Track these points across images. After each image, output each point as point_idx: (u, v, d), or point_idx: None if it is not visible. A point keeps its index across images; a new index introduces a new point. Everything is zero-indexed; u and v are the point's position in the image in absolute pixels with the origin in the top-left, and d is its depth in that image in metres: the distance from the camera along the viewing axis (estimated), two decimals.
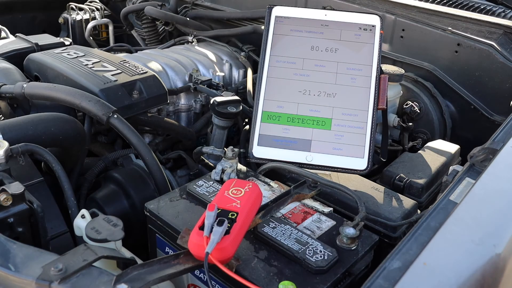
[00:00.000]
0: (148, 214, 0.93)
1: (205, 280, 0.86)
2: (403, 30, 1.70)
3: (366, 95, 0.88)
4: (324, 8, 1.70)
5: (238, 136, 1.72)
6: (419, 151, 1.34)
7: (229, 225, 0.71)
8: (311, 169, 0.87)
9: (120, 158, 1.41)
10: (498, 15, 1.61)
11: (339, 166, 0.99)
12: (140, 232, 1.11)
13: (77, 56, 1.51)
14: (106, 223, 0.80)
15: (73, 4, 2.44)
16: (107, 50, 2.05)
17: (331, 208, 0.94)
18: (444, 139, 1.60)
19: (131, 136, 1.17)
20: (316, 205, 0.95)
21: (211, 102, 1.50)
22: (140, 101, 1.39)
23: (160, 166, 1.19)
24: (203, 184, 0.99)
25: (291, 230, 0.85)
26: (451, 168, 1.00)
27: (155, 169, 1.18)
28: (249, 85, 1.81)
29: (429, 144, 1.39)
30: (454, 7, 1.69)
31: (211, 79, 1.70)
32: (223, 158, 1.03)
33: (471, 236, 0.68)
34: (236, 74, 1.92)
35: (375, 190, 1.06)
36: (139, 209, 1.24)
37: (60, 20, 2.45)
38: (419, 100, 1.64)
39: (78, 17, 2.41)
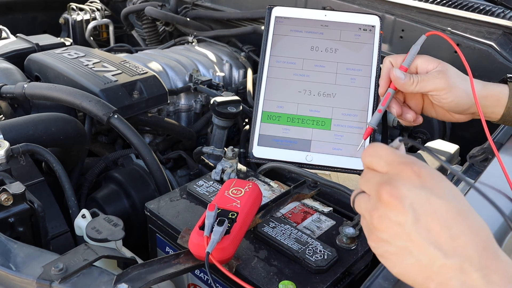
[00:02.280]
0: (148, 214, 0.94)
1: (205, 279, 0.87)
2: (402, 30, 1.70)
3: (366, 95, 0.88)
4: (323, 8, 1.71)
5: (238, 136, 1.73)
6: (418, 151, 1.34)
7: (229, 225, 0.71)
8: (311, 169, 0.87)
9: (121, 158, 1.41)
10: (498, 16, 1.62)
11: (339, 166, 0.99)
12: (140, 231, 1.11)
13: (78, 57, 1.51)
14: (106, 223, 0.81)
15: (73, 5, 2.44)
16: (108, 51, 2.06)
17: (331, 208, 0.95)
18: (443, 139, 1.60)
19: (132, 136, 1.17)
20: (316, 205, 0.95)
21: (211, 102, 1.50)
22: (140, 101, 1.39)
23: (160, 166, 1.19)
24: (203, 184, 0.99)
25: (291, 230, 0.85)
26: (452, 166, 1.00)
27: (156, 169, 1.18)
28: (249, 85, 1.81)
29: (429, 144, 1.39)
30: (453, 8, 1.69)
31: (211, 79, 1.71)
32: (223, 158, 1.03)
33: None
34: (236, 74, 1.93)
35: None
36: (140, 209, 1.25)
37: (61, 20, 2.45)
38: None
39: (79, 18, 2.41)
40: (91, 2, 2.53)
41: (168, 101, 1.50)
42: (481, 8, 1.67)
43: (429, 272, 0.48)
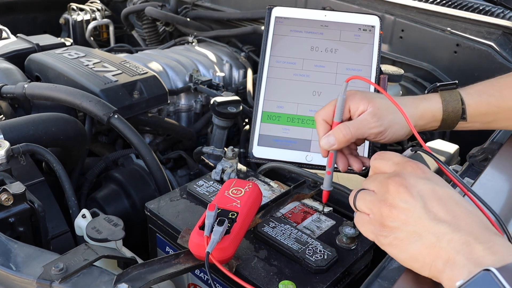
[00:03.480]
0: (148, 213, 0.94)
1: (205, 279, 0.87)
2: (402, 30, 1.70)
3: None
4: (323, 8, 1.71)
5: (238, 136, 1.73)
6: (418, 151, 1.34)
7: (229, 225, 0.71)
8: (311, 169, 0.87)
9: (121, 158, 1.41)
10: (497, 16, 1.62)
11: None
12: (140, 231, 1.11)
13: (78, 57, 1.52)
14: (106, 223, 0.81)
15: (74, 5, 2.45)
16: (108, 51, 2.06)
17: (331, 208, 0.95)
18: (443, 139, 1.60)
19: (132, 136, 1.18)
20: (316, 205, 0.96)
21: (211, 102, 1.51)
22: (140, 101, 1.39)
23: (160, 166, 1.19)
24: (203, 184, 0.99)
25: (291, 229, 0.85)
26: (450, 168, 1.00)
27: (156, 169, 1.18)
28: (249, 85, 1.81)
29: (428, 144, 1.39)
30: (453, 8, 1.69)
31: (211, 80, 1.71)
32: (223, 158, 1.03)
33: None
34: (236, 75, 1.93)
35: None
36: (140, 209, 1.25)
37: (61, 20, 2.45)
38: None
39: (79, 18, 2.41)
40: (91, 2, 2.53)
41: (168, 101, 1.50)
42: (481, 8, 1.67)
43: (438, 250, 0.52)
